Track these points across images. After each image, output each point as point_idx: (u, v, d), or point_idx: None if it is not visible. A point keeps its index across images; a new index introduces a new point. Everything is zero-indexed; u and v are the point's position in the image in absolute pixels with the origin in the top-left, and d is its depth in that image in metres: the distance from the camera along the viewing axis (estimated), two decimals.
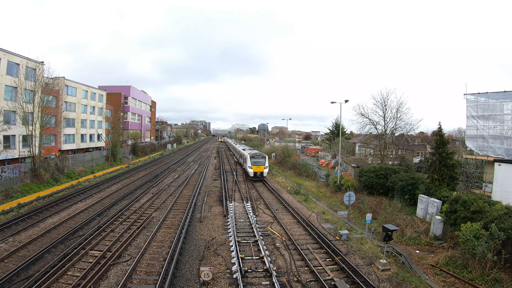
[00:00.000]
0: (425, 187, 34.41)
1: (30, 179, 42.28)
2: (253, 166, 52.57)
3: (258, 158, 54.06)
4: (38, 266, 19.16)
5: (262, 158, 54.44)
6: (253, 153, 56.74)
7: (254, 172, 52.27)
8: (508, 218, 20.34)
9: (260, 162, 53.44)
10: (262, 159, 54.16)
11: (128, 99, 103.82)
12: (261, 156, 54.84)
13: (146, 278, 18.18)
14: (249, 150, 65.04)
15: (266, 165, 53.61)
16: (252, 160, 53.33)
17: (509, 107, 35.89)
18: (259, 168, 52.71)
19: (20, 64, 47.81)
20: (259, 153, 56.72)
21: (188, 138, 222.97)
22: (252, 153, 56.62)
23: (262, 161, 53.82)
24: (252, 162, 52.96)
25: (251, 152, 58.88)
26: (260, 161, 53.67)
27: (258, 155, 55.07)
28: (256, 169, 52.49)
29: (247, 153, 58.00)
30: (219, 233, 26.34)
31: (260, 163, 53.24)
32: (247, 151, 64.23)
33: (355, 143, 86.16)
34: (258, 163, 53.23)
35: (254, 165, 52.74)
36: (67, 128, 65.67)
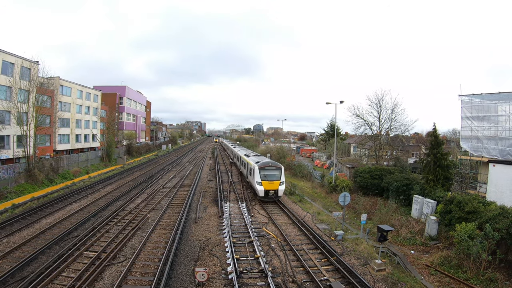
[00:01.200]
0: (420, 188, 34.58)
1: (25, 179, 42.04)
2: (263, 182, 37.32)
3: (271, 170, 38.63)
4: (32, 267, 19.03)
5: (276, 169, 38.72)
6: (264, 163, 39.83)
7: (265, 190, 36.94)
8: (503, 218, 20.48)
9: (274, 176, 38.15)
10: (276, 171, 38.56)
11: (123, 99, 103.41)
12: (274, 167, 38.85)
13: (141, 279, 18.10)
14: (255, 157, 48.40)
15: (282, 180, 38.10)
16: (262, 173, 37.95)
17: (504, 108, 36.14)
18: (272, 184, 37.38)
19: (15, 64, 47.51)
20: (271, 163, 39.91)
21: (183, 138, 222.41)
22: (262, 163, 39.83)
23: (276, 174, 38.35)
24: (262, 176, 37.75)
25: (260, 161, 41.44)
26: (273, 174, 38.32)
27: (271, 166, 39.04)
28: (268, 185, 37.17)
29: (254, 162, 41.35)
30: (214, 234, 26.28)
31: (273, 177, 38.02)
32: (252, 157, 48.19)
33: (350, 144, 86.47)
34: (271, 177, 38.03)
35: (265, 179, 37.53)
36: (62, 128, 65.25)
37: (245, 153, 57.14)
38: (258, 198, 38.62)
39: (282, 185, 38.14)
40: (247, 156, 52.23)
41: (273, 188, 37.46)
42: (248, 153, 57.18)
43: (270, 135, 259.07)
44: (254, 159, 45.84)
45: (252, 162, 42.53)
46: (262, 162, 40.55)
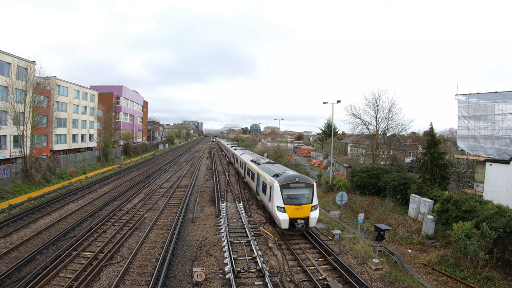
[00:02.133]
0: (416, 187, 34.64)
1: (21, 179, 41.89)
2: (288, 207, 24.81)
3: (298, 188, 25.96)
4: (29, 268, 18.97)
5: (305, 187, 26.16)
6: (287, 177, 26.65)
7: (291, 219, 24.62)
8: (499, 217, 20.52)
9: (303, 197, 25.85)
10: (305, 189, 26.09)
11: (120, 99, 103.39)
12: (303, 184, 26.19)
13: (139, 279, 18.07)
14: (270, 166, 35.51)
15: (314, 203, 25.77)
16: (286, 193, 25.46)
17: (500, 107, 36.22)
18: (301, 210, 25.03)
19: (11, 63, 47.43)
20: (298, 177, 26.57)
21: (180, 138, 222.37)
22: (284, 177, 26.74)
23: (306, 193, 26.00)
24: (285, 198, 25.23)
25: (279, 173, 28.50)
26: (302, 194, 25.96)
27: (298, 183, 26.06)
28: (295, 212, 24.81)
29: (271, 175, 28.76)
30: (212, 234, 26.26)
31: (302, 199, 25.71)
32: (264, 166, 35.16)
33: (347, 143, 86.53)
34: (299, 199, 25.64)
35: (290, 203, 25.06)
36: (59, 128, 65.14)
37: (252, 159, 43.58)
38: (279, 231, 25.80)
39: (314, 210, 25.36)
40: (255, 163, 39.21)
41: (302, 216, 24.69)
42: (257, 159, 42.71)
43: (267, 134, 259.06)
44: (268, 168, 32.74)
45: (267, 176, 29.24)
46: (285, 176, 26.72)
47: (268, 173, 30.37)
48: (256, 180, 35.31)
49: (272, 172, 30.12)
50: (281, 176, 27.15)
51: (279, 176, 27.51)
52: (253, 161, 41.29)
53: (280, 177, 27.12)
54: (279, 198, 25.32)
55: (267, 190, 28.55)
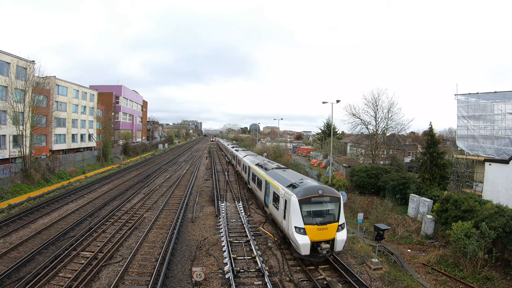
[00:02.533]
0: (416, 187, 34.71)
1: (21, 179, 41.85)
2: (309, 228, 20.12)
3: (322, 203, 21.20)
4: (29, 268, 18.96)
5: (330, 201, 21.32)
6: (308, 188, 21.63)
7: (313, 242, 19.88)
8: (499, 217, 20.55)
9: (327, 214, 21.06)
10: (330, 203, 21.30)
11: (119, 99, 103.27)
12: (328, 197, 21.30)
13: (138, 279, 18.06)
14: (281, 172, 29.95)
15: (341, 220, 21.07)
16: (306, 210, 20.68)
17: (500, 107, 36.26)
18: (325, 231, 20.31)
19: (10, 63, 47.34)
20: (321, 189, 21.51)
21: (179, 138, 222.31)
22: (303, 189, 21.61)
23: (332, 209, 21.25)
24: (305, 216, 20.46)
25: (296, 183, 23.25)
26: (326, 210, 21.18)
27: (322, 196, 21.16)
28: (318, 234, 20.12)
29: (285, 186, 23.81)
30: (211, 233, 26.25)
31: (326, 216, 20.95)
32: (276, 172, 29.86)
33: (347, 143, 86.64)
34: (323, 216, 20.90)
35: (311, 222, 20.37)
36: (58, 128, 65.02)
37: (258, 162, 38.73)
38: (297, 256, 20.84)
39: (341, 230, 20.50)
40: (262, 168, 34.26)
41: (326, 238, 19.89)
42: (263, 163, 37.12)
43: (267, 134, 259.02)
44: (279, 176, 27.42)
45: (280, 186, 24.28)
46: (304, 187, 21.40)
47: (280, 183, 25.27)
48: (264, 189, 30.04)
49: (285, 181, 25.01)
50: (300, 188, 21.55)
51: (297, 187, 21.96)
52: (260, 166, 36.00)
53: (298, 188, 21.60)
54: (297, 216, 20.11)
55: (280, 204, 23.02)
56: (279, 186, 24.59)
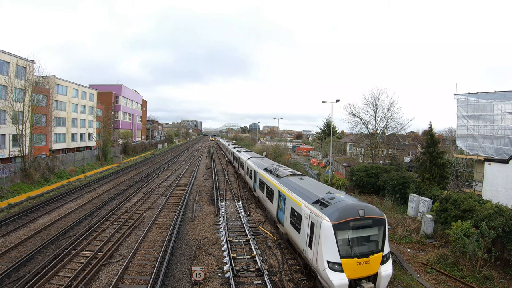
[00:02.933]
0: (415, 186, 34.71)
1: (21, 179, 41.84)
2: (347, 262, 15.07)
3: (364, 229, 16.02)
4: (29, 267, 18.98)
5: (373, 225, 16.18)
6: (345, 208, 16.18)
7: (351, 280, 14.97)
8: (498, 216, 20.54)
9: (369, 242, 16.19)
10: (373, 228, 16.24)
11: (119, 98, 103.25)
12: (370, 220, 16.03)
13: (138, 278, 18.07)
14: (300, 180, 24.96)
15: (386, 250, 16.14)
16: (343, 237, 15.56)
17: (499, 107, 36.27)
18: (367, 265, 15.33)
19: (10, 63, 47.29)
20: (362, 208, 16.11)
21: (179, 137, 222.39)
22: (340, 208, 16.22)
23: (375, 235, 16.29)
24: (341, 244, 15.36)
25: (328, 198, 17.81)
26: (368, 236, 16.22)
27: (363, 218, 15.79)
28: (358, 269, 15.20)
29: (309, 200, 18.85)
30: (211, 233, 26.27)
31: (368, 245, 16.08)
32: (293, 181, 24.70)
33: (346, 143, 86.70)
34: (364, 245, 16.02)
35: (350, 255, 15.30)
36: (58, 127, 65.00)
37: (266, 167, 33.67)
38: None
39: (386, 262, 16.11)
40: (273, 174, 29.24)
41: (368, 273, 15.57)
42: (273, 168, 31.86)
43: (266, 133, 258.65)
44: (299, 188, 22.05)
45: (302, 202, 19.05)
46: (339, 207, 16.36)
47: (302, 197, 19.76)
48: (277, 202, 24.92)
49: (308, 195, 19.51)
50: (332, 207, 16.02)
51: (327, 205, 16.42)
52: (269, 172, 30.81)
53: (329, 208, 16.07)
54: (331, 246, 15.14)
55: (304, 227, 17.63)
56: (301, 202, 19.21)
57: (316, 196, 18.81)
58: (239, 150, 63.56)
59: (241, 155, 52.15)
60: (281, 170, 29.62)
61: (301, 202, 19.31)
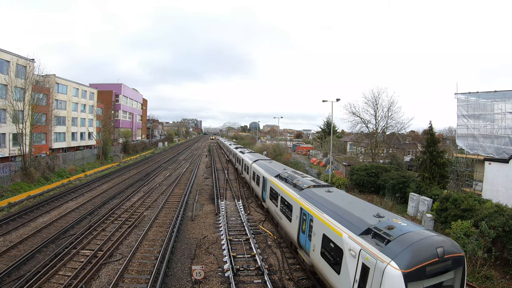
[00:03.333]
0: (415, 186, 34.72)
1: (21, 178, 41.85)
2: None
3: (443, 274, 10.96)
4: (29, 266, 19.01)
5: (452, 266, 11.06)
6: (419, 245, 10.79)
7: None
8: (498, 216, 20.58)
9: None
10: (453, 270, 11.18)
11: (119, 97, 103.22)
12: (450, 261, 10.93)
13: (138, 277, 18.10)
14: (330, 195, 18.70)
15: None
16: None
17: (500, 106, 36.27)
18: None
19: (10, 62, 47.29)
20: (441, 245, 10.92)
21: (179, 136, 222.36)
22: (413, 246, 10.76)
23: (453, 278, 11.28)
24: None
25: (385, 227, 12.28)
26: (447, 283, 11.12)
27: (443, 259, 10.68)
28: None
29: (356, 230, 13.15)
30: (211, 232, 26.28)
31: None
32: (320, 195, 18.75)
33: (347, 142, 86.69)
34: None
35: None
36: (58, 126, 65.00)
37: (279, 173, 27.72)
38: None
39: None
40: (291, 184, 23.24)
41: None
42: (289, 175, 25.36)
43: (266, 132, 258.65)
44: (333, 204, 16.75)
45: (344, 232, 13.86)
46: (412, 244, 10.89)
47: (342, 222, 14.41)
48: (299, 221, 19.39)
49: (352, 220, 14.08)
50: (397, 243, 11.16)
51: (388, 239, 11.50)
52: (284, 180, 24.60)
53: (393, 244, 11.22)
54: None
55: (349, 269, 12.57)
56: (341, 231, 13.85)
57: (362, 222, 13.36)
58: (242, 151, 58.11)
59: (244, 157, 47.47)
60: (299, 179, 23.42)
61: (341, 230, 13.86)
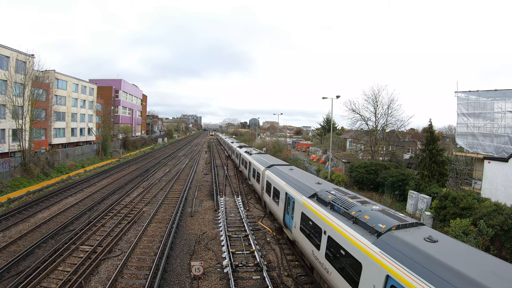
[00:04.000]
0: (415, 183, 34.76)
1: (20, 173, 41.83)
2: None
3: None
4: (28, 262, 19.03)
5: None
6: None
7: None
8: (497, 215, 20.63)
9: None
10: None
11: (119, 93, 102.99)
12: None
13: (137, 273, 18.13)
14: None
15: None
16: None
17: (500, 105, 36.26)
18: None
19: (10, 57, 47.20)
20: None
21: (179, 132, 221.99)
22: None
23: None
24: None
25: None
26: None
27: None
28: None
29: None
30: (210, 228, 26.32)
31: None
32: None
33: (346, 139, 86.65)
34: None
35: None
36: (58, 122, 64.98)
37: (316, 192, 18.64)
38: None
39: None
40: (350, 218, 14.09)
41: None
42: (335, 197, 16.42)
43: (266, 129, 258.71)
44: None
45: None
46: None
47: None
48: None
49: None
50: None
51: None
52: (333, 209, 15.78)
53: None
54: None
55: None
56: None
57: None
58: (249, 151, 47.92)
59: (252, 160, 37.77)
60: (360, 208, 14.38)
61: None
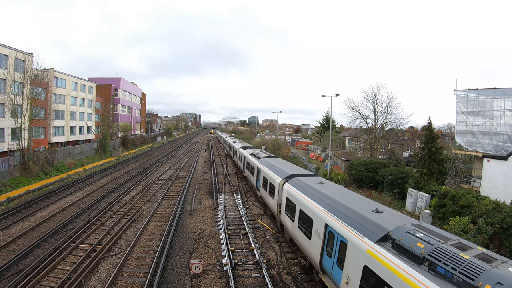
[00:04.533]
0: (414, 181, 34.80)
1: (19, 172, 41.81)
2: None
3: None
4: (28, 261, 19.05)
5: None
6: None
7: None
8: (496, 213, 20.67)
9: None
10: None
11: (118, 91, 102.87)
12: None
13: (137, 271, 18.16)
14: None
15: None
16: None
17: (499, 103, 36.31)
18: None
19: (9, 56, 47.11)
20: None
21: (178, 130, 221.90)
22: None
23: None
24: None
25: None
26: None
27: None
28: None
29: None
30: (209, 226, 26.34)
31: None
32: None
33: (345, 137, 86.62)
34: None
35: None
36: (57, 121, 64.93)
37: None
38: None
39: None
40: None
41: None
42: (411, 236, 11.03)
43: (265, 127, 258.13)
44: None
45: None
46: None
47: None
48: None
49: None
50: None
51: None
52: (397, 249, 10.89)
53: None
54: None
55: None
56: None
57: None
58: (255, 153, 40.79)
59: (262, 167, 31.55)
60: (491, 274, 8.25)
61: None
